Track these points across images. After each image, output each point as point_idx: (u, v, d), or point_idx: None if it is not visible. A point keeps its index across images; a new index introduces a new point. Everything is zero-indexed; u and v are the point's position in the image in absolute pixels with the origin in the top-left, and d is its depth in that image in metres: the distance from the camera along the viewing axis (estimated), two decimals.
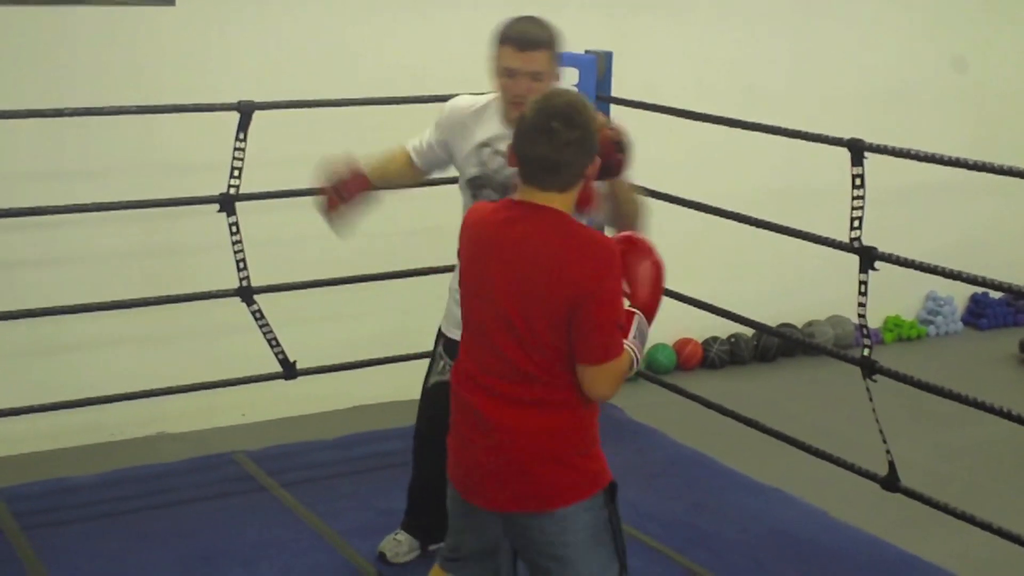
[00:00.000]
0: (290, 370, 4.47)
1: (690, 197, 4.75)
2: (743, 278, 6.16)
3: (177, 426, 5.04)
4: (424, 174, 3.63)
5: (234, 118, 4.18)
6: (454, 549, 2.81)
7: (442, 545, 2.93)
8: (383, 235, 4.86)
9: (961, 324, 7.25)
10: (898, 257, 3.85)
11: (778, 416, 4.67)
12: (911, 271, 3.88)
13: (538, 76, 3.17)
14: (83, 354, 4.84)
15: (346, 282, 4.72)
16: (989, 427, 4.14)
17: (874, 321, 6.17)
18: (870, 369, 3.95)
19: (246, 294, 4.33)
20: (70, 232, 4.60)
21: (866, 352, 3.96)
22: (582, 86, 4.71)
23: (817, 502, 4.41)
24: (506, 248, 2.55)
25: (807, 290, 6.52)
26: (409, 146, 3.56)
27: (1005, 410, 3.62)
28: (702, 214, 4.71)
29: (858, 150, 3.88)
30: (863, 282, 3.88)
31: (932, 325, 7.13)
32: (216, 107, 4.23)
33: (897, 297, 6.84)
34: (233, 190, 4.22)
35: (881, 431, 3.90)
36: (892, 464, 3.96)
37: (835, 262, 4.36)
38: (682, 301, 4.68)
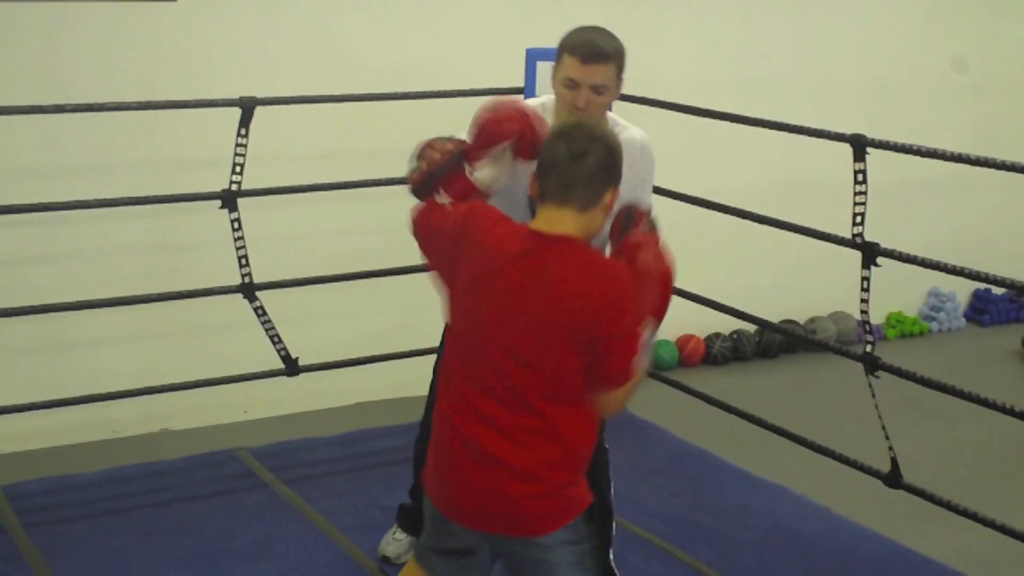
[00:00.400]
0: (292, 367, 4.46)
1: (692, 193, 4.75)
2: (745, 274, 6.15)
3: (180, 423, 5.03)
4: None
5: (236, 114, 4.17)
6: (430, 548, 2.73)
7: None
8: (385, 231, 4.85)
9: (964, 320, 7.24)
10: (901, 253, 3.85)
11: (780, 413, 4.67)
12: (914, 267, 3.87)
13: (600, 89, 3.02)
14: (85, 351, 4.84)
15: (349, 278, 4.70)
16: (992, 423, 4.14)
17: (876, 317, 6.17)
18: (873, 365, 3.95)
19: (248, 291, 4.32)
20: (72, 229, 4.59)
21: (869, 348, 3.96)
22: None
23: (820, 498, 4.41)
24: (516, 281, 2.49)
25: (809, 286, 6.51)
26: None
27: (1008, 406, 3.62)
28: (704, 210, 4.72)
29: (860, 146, 3.88)
30: (865, 278, 3.88)
31: (935, 321, 7.12)
32: (218, 103, 4.22)
33: (900, 293, 6.84)
34: (235, 186, 4.21)
35: (884, 427, 3.90)
36: (895, 460, 3.96)
37: (837, 258, 4.36)
38: (684, 297, 4.67)
